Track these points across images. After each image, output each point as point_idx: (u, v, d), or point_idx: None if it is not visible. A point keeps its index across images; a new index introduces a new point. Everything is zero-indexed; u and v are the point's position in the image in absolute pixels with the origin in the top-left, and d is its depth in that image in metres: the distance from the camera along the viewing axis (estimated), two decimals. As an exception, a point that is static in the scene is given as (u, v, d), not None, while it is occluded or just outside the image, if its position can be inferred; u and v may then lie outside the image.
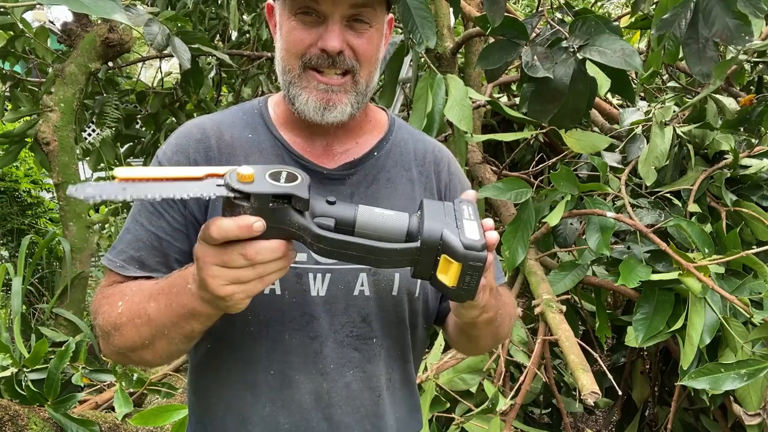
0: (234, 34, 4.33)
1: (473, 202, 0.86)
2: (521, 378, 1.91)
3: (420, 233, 0.78)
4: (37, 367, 2.24)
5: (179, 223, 0.97)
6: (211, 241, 0.73)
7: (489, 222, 0.83)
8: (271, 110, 1.06)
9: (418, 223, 0.80)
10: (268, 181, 0.73)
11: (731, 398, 1.84)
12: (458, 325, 1.03)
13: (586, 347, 1.77)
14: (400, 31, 2.51)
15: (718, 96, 2.27)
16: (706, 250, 1.82)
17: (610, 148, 2.35)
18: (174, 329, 0.84)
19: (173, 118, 4.13)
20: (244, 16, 4.24)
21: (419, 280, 1.02)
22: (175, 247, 0.96)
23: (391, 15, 1.04)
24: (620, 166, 2.31)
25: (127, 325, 0.87)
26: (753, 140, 2.36)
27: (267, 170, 0.75)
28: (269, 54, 3.92)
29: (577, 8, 2.49)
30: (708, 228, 1.99)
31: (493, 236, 0.80)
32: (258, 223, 0.71)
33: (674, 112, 2.44)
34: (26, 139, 3.48)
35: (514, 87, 3.28)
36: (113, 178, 0.73)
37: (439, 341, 2.09)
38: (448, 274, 0.79)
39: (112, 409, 2.38)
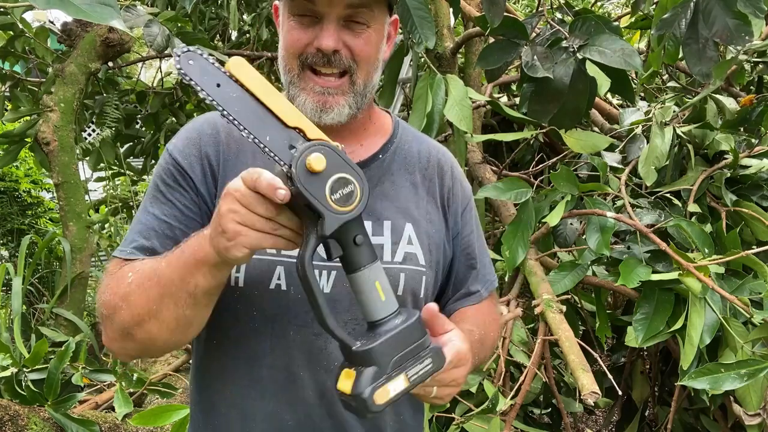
0: (234, 34, 4.33)
1: (443, 363, 0.83)
2: (521, 378, 1.91)
3: (365, 345, 0.77)
4: (37, 367, 2.24)
5: (192, 211, 0.98)
6: (246, 182, 0.75)
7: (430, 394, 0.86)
8: None
9: (387, 330, 0.79)
10: (325, 185, 0.74)
11: (731, 398, 1.84)
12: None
13: (586, 347, 1.77)
14: (399, 31, 2.51)
15: (718, 96, 2.27)
16: (706, 250, 1.82)
17: (610, 148, 2.35)
18: (181, 285, 0.84)
19: (173, 118, 4.13)
20: (244, 16, 4.24)
21: (423, 281, 1.04)
22: (187, 234, 0.96)
23: (395, 17, 1.04)
24: (620, 166, 2.31)
25: (136, 292, 0.87)
26: (753, 140, 2.36)
27: (339, 172, 0.75)
28: (269, 54, 3.92)
29: (577, 8, 2.49)
30: (708, 228, 1.99)
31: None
32: (281, 192, 0.74)
33: (674, 112, 2.44)
34: (26, 139, 3.48)
35: (514, 87, 3.27)
36: (222, 65, 0.73)
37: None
38: (345, 381, 0.79)
39: (112, 409, 2.38)
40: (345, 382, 0.78)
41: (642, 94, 3.19)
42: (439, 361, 0.82)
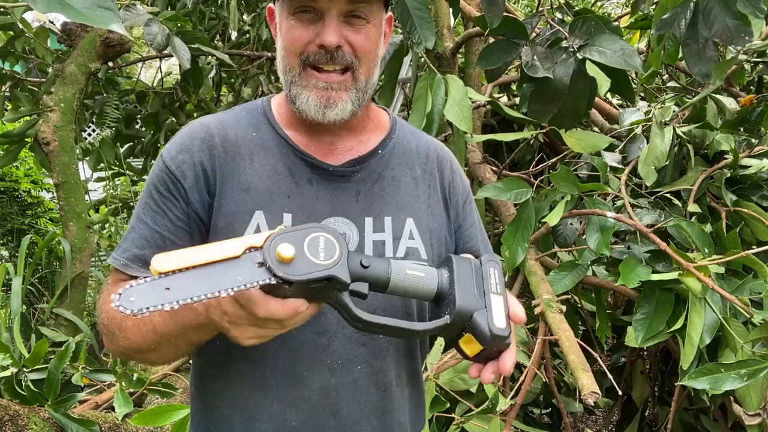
0: (234, 34, 4.33)
1: (498, 264, 0.90)
2: (521, 378, 1.91)
3: (451, 310, 0.82)
4: (37, 367, 2.24)
5: (182, 221, 0.98)
6: (253, 313, 0.75)
7: (517, 311, 0.88)
8: (275, 110, 1.07)
9: (448, 283, 0.84)
10: (307, 258, 0.74)
11: (731, 398, 1.84)
12: None
13: (586, 347, 1.77)
14: (399, 31, 2.51)
15: (718, 96, 2.27)
16: (706, 250, 1.82)
17: (610, 148, 2.35)
18: (181, 339, 0.86)
19: (173, 118, 4.13)
20: (244, 16, 4.24)
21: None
22: (178, 246, 0.97)
23: (390, 14, 1.05)
24: (620, 166, 2.31)
25: (132, 329, 0.89)
26: (753, 140, 2.36)
27: (304, 239, 0.76)
28: (269, 54, 3.91)
29: (577, 8, 2.49)
30: (708, 228, 1.99)
31: (520, 316, 0.88)
32: (303, 307, 0.75)
33: (674, 112, 2.44)
34: (26, 139, 3.48)
35: (514, 87, 3.27)
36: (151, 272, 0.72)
37: (439, 341, 2.09)
38: (469, 346, 0.85)
39: (112, 409, 2.38)
40: (471, 346, 0.84)
41: (642, 94, 3.19)
42: (495, 263, 0.90)
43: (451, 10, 2.45)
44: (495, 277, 0.87)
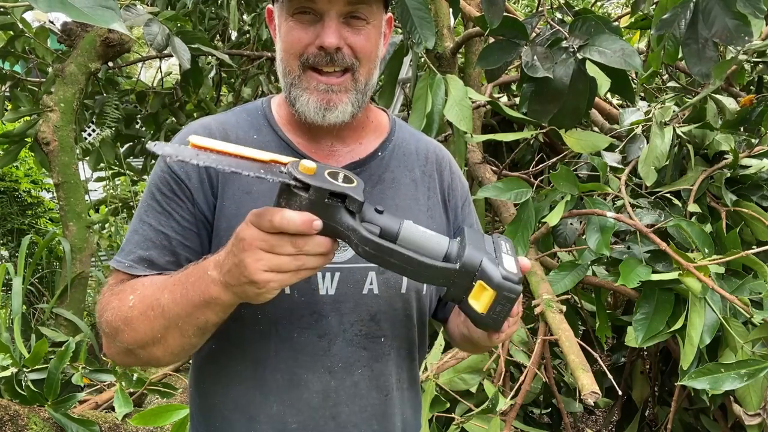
0: (234, 34, 4.33)
1: (510, 241, 0.90)
2: (521, 378, 1.91)
3: (460, 256, 0.81)
4: (37, 367, 2.24)
5: (189, 222, 0.97)
6: (265, 228, 0.74)
7: (525, 261, 0.87)
8: (275, 111, 1.06)
9: (457, 249, 0.83)
10: (327, 178, 0.77)
11: (731, 398, 1.84)
12: (465, 334, 1.04)
13: (586, 347, 1.77)
14: (399, 31, 2.51)
15: (718, 96, 2.26)
16: (706, 250, 1.82)
17: (610, 148, 2.35)
18: (188, 320, 0.84)
19: (173, 118, 4.13)
20: (244, 16, 4.24)
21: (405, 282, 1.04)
22: (186, 246, 0.96)
23: (390, 14, 1.05)
24: (620, 166, 2.31)
25: (139, 318, 0.87)
26: (753, 140, 2.36)
27: (326, 168, 0.79)
28: (269, 54, 3.92)
29: (577, 8, 2.49)
30: (708, 228, 1.99)
31: (527, 265, 0.86)
32: (318, 222, 0.74)
33: (674, 112, 2.44)
34: (26, 139, 3.48)
35: (514, 87, 3.27)
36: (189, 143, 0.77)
37: (439, 341, 2.09)
38: (480, 300, 0.82)
39: (112, 409, 2.38)
40: (481, 297, 0.81)
41: (642, 94, 3.19)
42: (507, 239, 0.90)
43: (451, 10, 2.45)
44: (506, 245, 0.88)
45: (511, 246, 0.89)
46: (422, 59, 2.24)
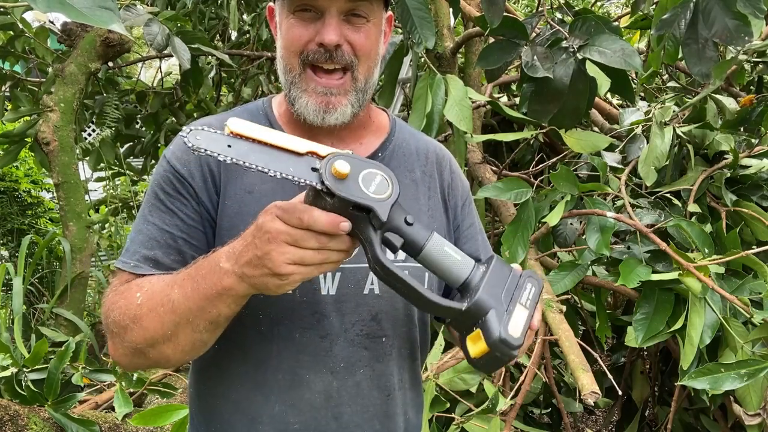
0: (234, 34, 4.33)
1: (540, 282, 0.87)
2: (521, 378, 1.91)
3: (471, 299, 0.80)
4: (37, 367, 2.24)
5: (194, 220, 0.97)
6: (293, 223, 0.75)
7: (536, 320, 0.85)
8: (276, 110, 1.07)
9: (477, 281, 0.82)
10: (359, 184, 0.76)
11: (731, 398, 1.84)
12: None
13: (586, 347, 1.77)
14: (399, 31, 2.51)
15: (718, 96, 2.27)
16: (706, 250, 1.82)
17: (610, 148, 2.35)
18: (200, 314, 0.83)
19: (173, 118, 4.13)
20: (244, 16, 4.24)
21: (426, 278, 1.04)
22: (192, 244, 0.96)
23: (390, 13, 1.05)
24: (620, 166, 2.31)
25: (149, 315, 0.86)
26: (753, 140, 2.36)
27: (363, 169, 0.77)
28: (269, 54, 3.91)
29: (577, 8, 2.49)
30: (708, 228, 1.99)
31: (535, 325, 0.85)
32: (345, 224, 0.75)
33: (674, 112, 2.44)
34: (26, 139, 3.48)
35: (514, 87, 3.27)
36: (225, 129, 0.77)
37: (439, 341, 2.09)
38: (475, 345, 0.81)
39: (112, 409, 2.38)
40: (476, 345, 0.80)
41: (642, 94, 3.19)
42: (537, 282, 0.87)
43: (451, 10, 2.45)
44: (530, 293, 0.84)
45: (536, 293, 0.85)
46: (422, 59, 2.24)
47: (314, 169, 0.76)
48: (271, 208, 0.77)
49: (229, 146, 0.74)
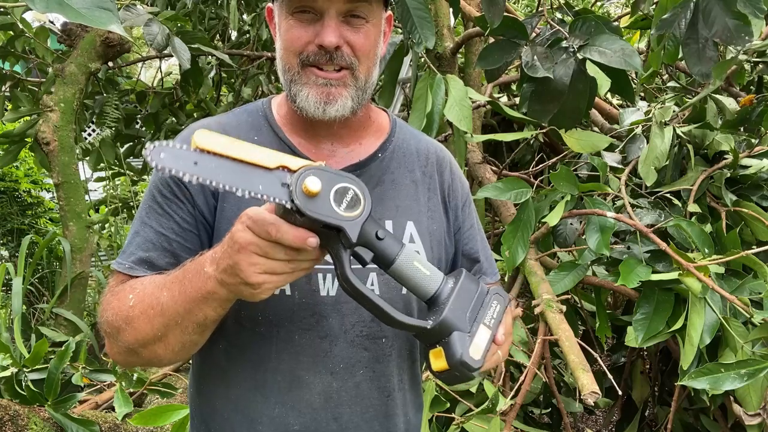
0: (234, 34, 4.33)
1: (506, 298, 0.90)
2: (521, 378, 1.91)
3: (436, 317, 0.82)
4: (37, 367, 2.24)
5: (189, 224, 0.97)
6: (262, 235, 0.75)
7: (500, 335, 0.88)
8: (275, 111, 1.06)
9: (447, 293, 0.84)
10: (329, 202, 0.75)
11: (731, 398, 1.84)
12: None
13: (586, 347, 1.77)
14: (399, 31, 2.51)
15: (718, 96, 2.26)
16: (706, 250, 1.82)
17: (610, 148, 2.35)
18: (187, 317, 0.84)
19: (173, 118, 4.13)
20: (244, 16, 4.24)
21: None
22: (186, 248, 0.96)
23: (390, 12, 1.04)
24: (620, 166, 2.31)
25: (140, 318, 0.87)
26: (753, 140, 2.36)
27: (335, 184, 0.77)
28: (269, 54, 3.91)
29: (577, 8, 2.49)
30: (708, 228, 1.99)
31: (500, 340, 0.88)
32: (313, 240, 0.75)
33: (674, 112, 2.44)
34: (26, 139, 3.48)
35: (514, 87, 3.28)
36: (191, 144, 0.74)
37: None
38: (437, 360, 0.84)
39: (112, 409, 2.38)
40: (438, 361, 0.83)
41: (642, 94, 3.18)
42: (503, 299, 0.89)
43: (451, 10, 2.45)
44: (494, 311, 0.87)
45: (500, 311, 0.88)
46: (422, 59, 2.24)
47: (285, 185, 0.75)
48: (242, 216, 0.78)
49: (196, 163, 0.72)
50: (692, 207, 2.07)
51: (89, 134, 6.32)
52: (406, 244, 0.84)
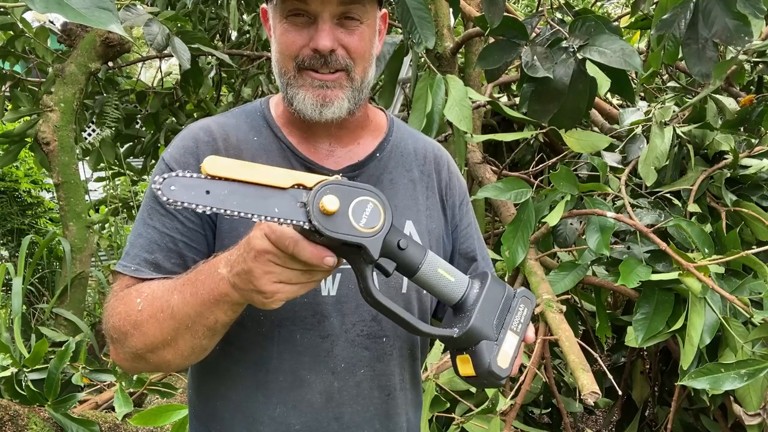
0: (234, 34, 4.33)
1: (532, 303, 0.89)
2: (521, 378, 1.91)
3: (463, 326, 0.81)
4: (37, 367, 2.24)
5: (194, 223, 0.96)
6: (279, 245, 0.74)
7: (530, 333, 0.88)
8: (273, 111, 1.06)
9: (474, 298, 0.83)
10: (349, 219, 0.74)
11: (731, 398, 1.84)
12: None
13: (586, 347, 1.77)
14: (399, 31, 2.51)
15: (718, 96, 2.26)
16: (706, 250, 1.82)
17: (610, 148, 2.35)
18: (199, 320, 0.83)
19: (173, 118, 4.13)
20: (244, 16, 4.24)
21: None
22: (192, 248, 0.96)
23: (384, 11, 1.04)
24: (620, 166, 2.31)
25: (149, 322, 0.86)
26: (753, 140, 2.36)
27: (353, 198, 0.75)
28: (269, 54, 3.91)
29: (577, 8, 2.49)
30: (708, 228, 1.99)
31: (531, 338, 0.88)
32: (330, 259, 0.74)
33: (674, 112, 2.44)
34: (26, 139, 3.49)
35: (514, 87, 3.28)
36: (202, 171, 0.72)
37: (440, 342, 2.09)
38: (463, 366, 0.84)
39: (112, 409, 2.38)
40: (465, 367, 0.83)
41: (642, 94, 3.18)
42: (529, 300, 0.88)
43: (451, 10, 2.45)
44: (521, 315, 0.85)
45: (528, 315, 0.86)
46: (422, 59, 2.24)
47: (302, 204, 0.73)
48: (262, 224, 0.76)
49: (208, 192, 0.71)
50: (692, 207, 2.07)
51: (89, 134, 6.31)
52: (428, 250, 0.83)
